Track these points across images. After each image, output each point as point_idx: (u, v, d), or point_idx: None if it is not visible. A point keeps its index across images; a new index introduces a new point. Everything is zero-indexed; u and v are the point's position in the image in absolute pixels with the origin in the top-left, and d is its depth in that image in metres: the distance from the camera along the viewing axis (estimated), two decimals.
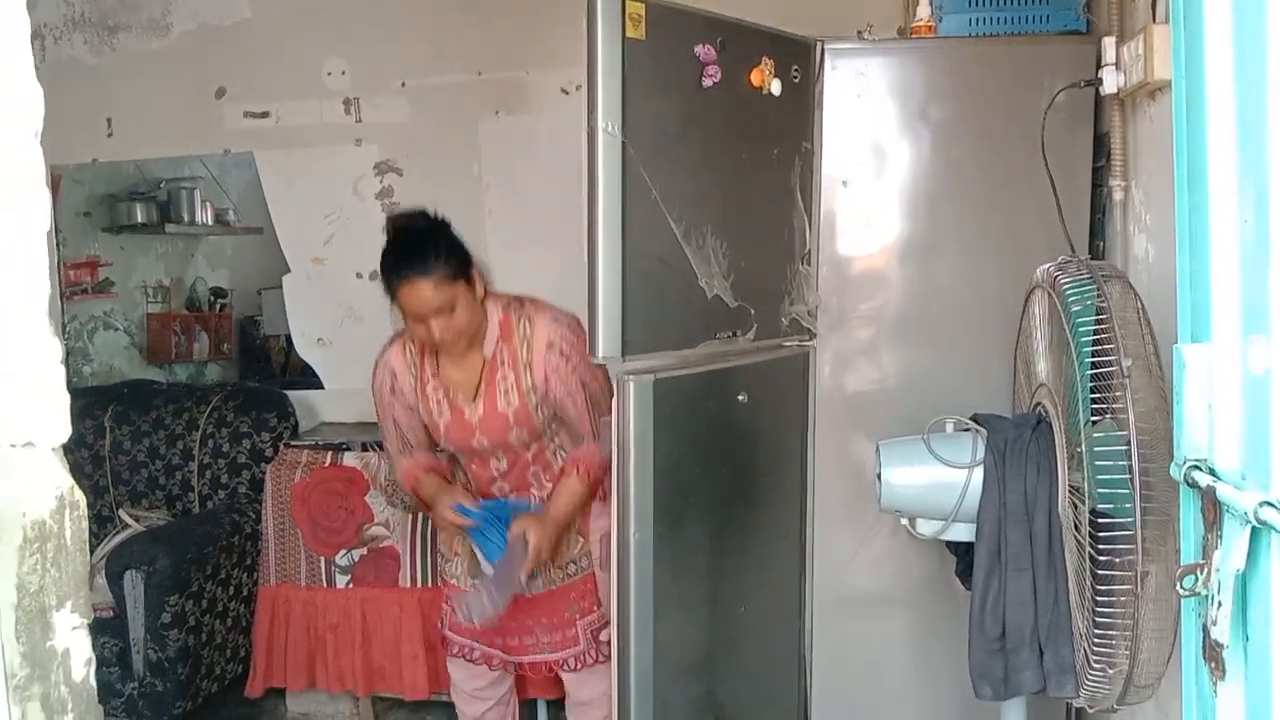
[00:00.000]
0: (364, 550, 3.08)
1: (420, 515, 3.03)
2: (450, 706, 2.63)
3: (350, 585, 3.08)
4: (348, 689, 3.10)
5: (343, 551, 3.09)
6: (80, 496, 0.57)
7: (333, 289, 3.51)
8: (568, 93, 3.33)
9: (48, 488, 0.54)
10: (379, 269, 2.15)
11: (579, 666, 2.39)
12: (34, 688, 0.52)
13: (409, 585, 3.05)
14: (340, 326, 3.53)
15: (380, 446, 3.10)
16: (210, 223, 4.61)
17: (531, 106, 3.36)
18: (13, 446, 0.52)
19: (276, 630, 3.10)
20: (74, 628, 0.56)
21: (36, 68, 0.56)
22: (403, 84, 3.43)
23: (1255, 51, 0.99)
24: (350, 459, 3.13)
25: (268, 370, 4.93)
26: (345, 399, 3.54)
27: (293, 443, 3.27)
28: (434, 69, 3.41)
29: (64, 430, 0.56)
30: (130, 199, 4.24)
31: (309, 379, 3.69)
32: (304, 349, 3.58)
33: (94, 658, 0.58)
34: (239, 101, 3.48)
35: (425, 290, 2.06)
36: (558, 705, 2.90)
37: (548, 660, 2.40)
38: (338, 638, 3.08)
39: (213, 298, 4.87)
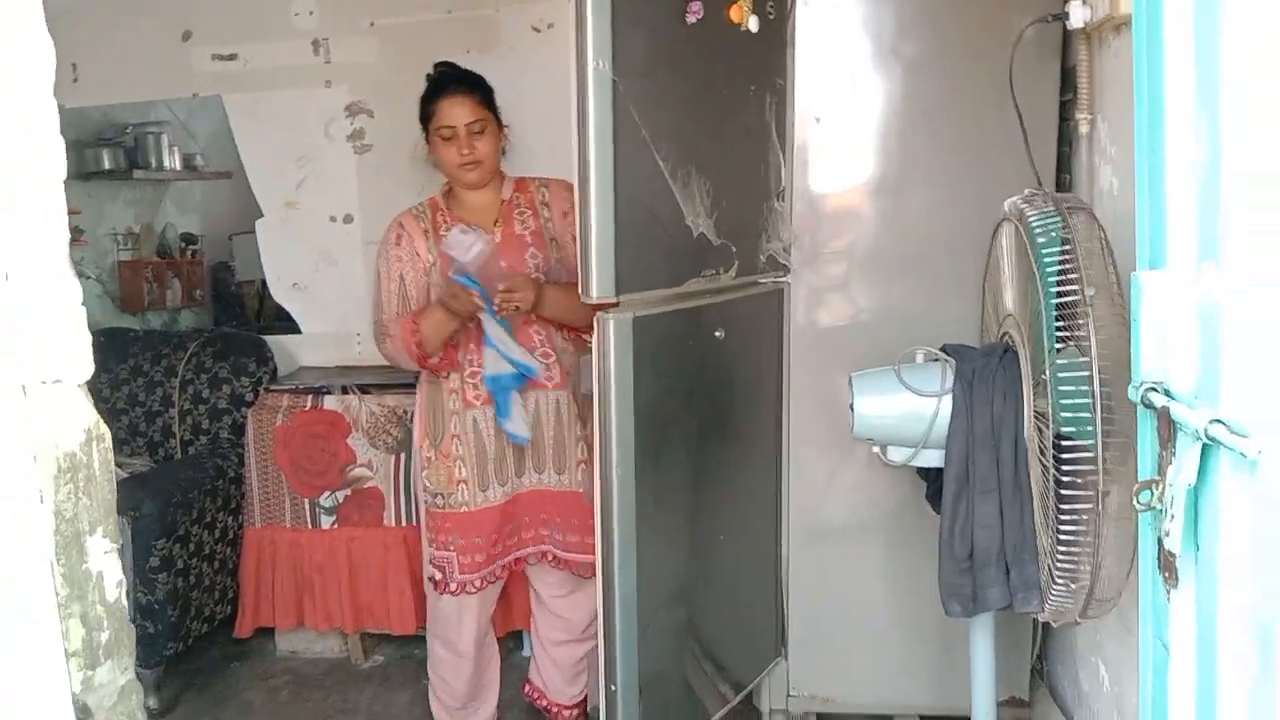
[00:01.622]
0: (348, 491, 3.12)
1: (404, 455, 3.07)
2: None
3: (335, 526, 3.13)
4: (336, 626, 3.17)
5: (326, 493, 3.13)
6: (105, 430, 0.60)
7: (307, 233, 3.49)
8: (539, 30, 3.31)
9: (76, 422, 0.57)
10: (420, 102, 2.41)
11: (590, 574, 2.46)
12: (74, 607, 0.56)
13: (393, 524, 3.11)
14: (315, 270, 3.53)
15: (362, 389, 3.14)
16: (179, 168, 4.55)
17: (503, 44, 3.33)
18: (43, 384, 0.55)
19: (263, 571, 3.16)
20: (105, 551, 0.59)
21: None
22: (371, 24, 3.39)
23: None
24: (331, 402, 3.16)
25: (241, 316, 4.91)
26: (323, 343, 3.56)
27: (273, 387, 3.29)
28: (403, 7, 3.36)
29: (88, 367, 0.59)
30: (97, 145, 4.18)
31: (285, 324, 3.69)
32: (280, 294, 3.58)
33: (124, 580, 0.62)
34: (206, 44, 3.43)
35: (465, 103, 2.36)
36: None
37: (560, 557, 2.49)
38: (324, 577, 3.14)
39: (183, 244, 4.83)
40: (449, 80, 2.42)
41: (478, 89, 2.41)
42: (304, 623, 3.18)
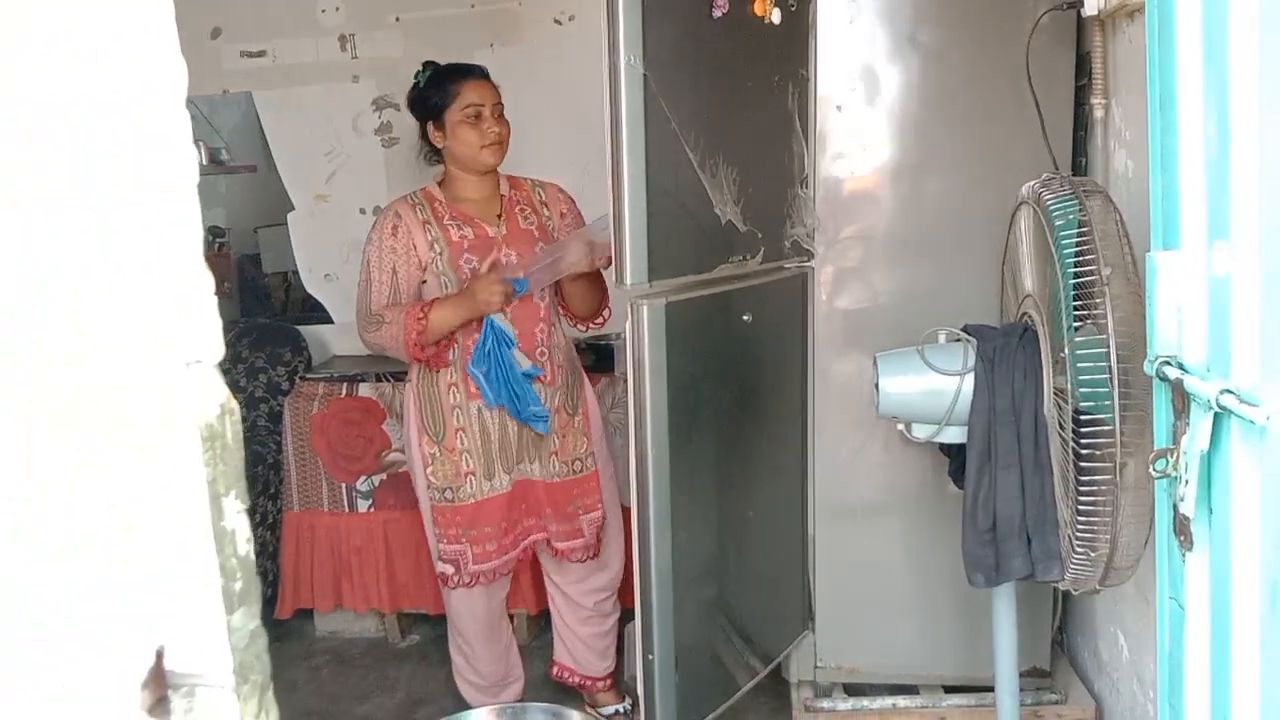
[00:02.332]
0: (383, 476, 3.21)
1: None
2: None
3: (372, 509, 3.23)
4: (374, 607, 3.26)
5: (363, 478, 3.22)
6: (235, 404, 0.68)
7: (337, 225, 3.58)
8: (560, 23, 3.38)
9: (213, 397, 0.65)
10: (419, 95, 2.48)
11: (585, 558, 2.56)
12: (216, 558, 0.65)
13: None
14: (346, 261, 3.61)
15: (394, 377, 3.22)
16: (205, 162, 4.64)
17: (526, 37, 3.41)
18: (187, 365, 0.63)
19: (302, 554, 3.25)
20: (238, 511, 0.68)
21: None
22: (397, 18, 3.46)
23: None
24: (365, 390, 3.24)
25: (269, 307, 5.01)
26: (354, 332, 3.63)
27: (308, 376, 3.38)
28: (427, 1, 3.44)
29: (220, 349, 0.66)
30: None
31: (315, 314, 3.78)
32: (311, 285, 3.67)
33: (252, 537, 0.70)
34: (235, 41, 3.51)
35: (487, 85, 2.45)
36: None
37: (558, 547, 2.57)
38: (362, 559, 3.23)
39: (210, 237, 4.92)
40: (467, 66, 2.49)
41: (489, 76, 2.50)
42: (342, 604, 3.27)
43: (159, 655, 0.60)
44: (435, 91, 2.45)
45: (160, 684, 0.60)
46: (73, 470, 0.59)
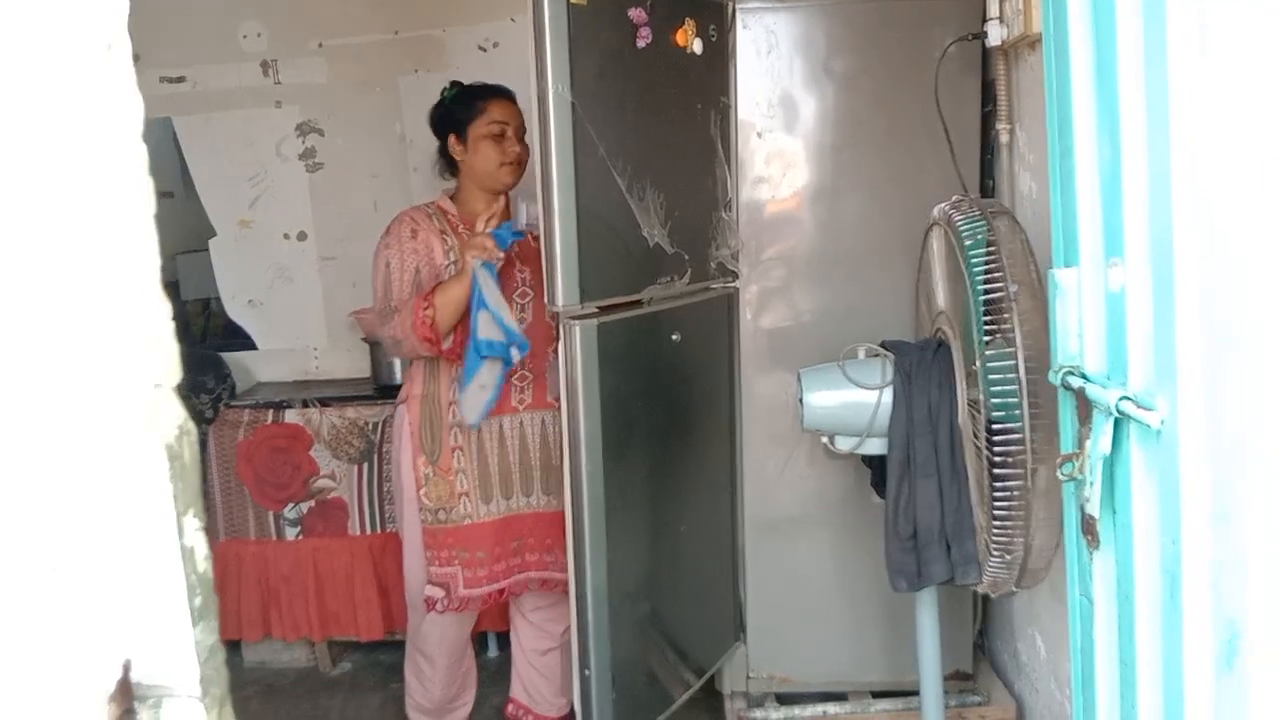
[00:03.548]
0: (311, 503, 3.18)
1: (367, 465, 3.14)
2: (402, 644, 2.76)
3: (300, 536, 3.19)
4: (304, 635, 3.22)
5: (290, 505, 3.19)
6: (192, 426, 0.71)
7: (262, 251, 3.55)
8: (485, 50, 3.41)
9: (173, 418, 0.67)
10: (445, 111, 2.49)
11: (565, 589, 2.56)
12: (182, 574, 0.67)
13: (358, 533, 3.18)
14: (270, 287, 3.58)
15: (322, 402, 3.20)
16: None
17: (450, 64, 3.43)
18: (155, 387, 0.66)
19: (229, 585, 3.19)
20: (196, 529, 0.70)
21: None
22: (320, 44, 3.46)
23: (1107, 13, 1.17)
24: (292, 416, 3.21)
25: (188, 335, 4.91)
26: (280, 358, 3.61)
27: (232, 403, 3.34)
28: (351, 28, 3.44)
29: (178, 373, 0.69)
30: None
31: (235, 340, 3.72)
32: (235, 311, 3.62)
33: (210, 554, 0.72)
34: (154, 66, 3.46)
35: (513, 106, 2.46)
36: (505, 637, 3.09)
37: (540, 577, 2.55)
38: (290, 587, 3.19)
39: None
40: (493, 87, 2.50)
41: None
42: (271, 633, 3.22)
43: (126, 668, 0.62)
44: (462, 106, 2.47)
45: (127, 696, 0.62)
46: (40, 487, 0.61)
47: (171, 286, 4.98)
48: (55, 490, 0.61)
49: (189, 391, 3.34)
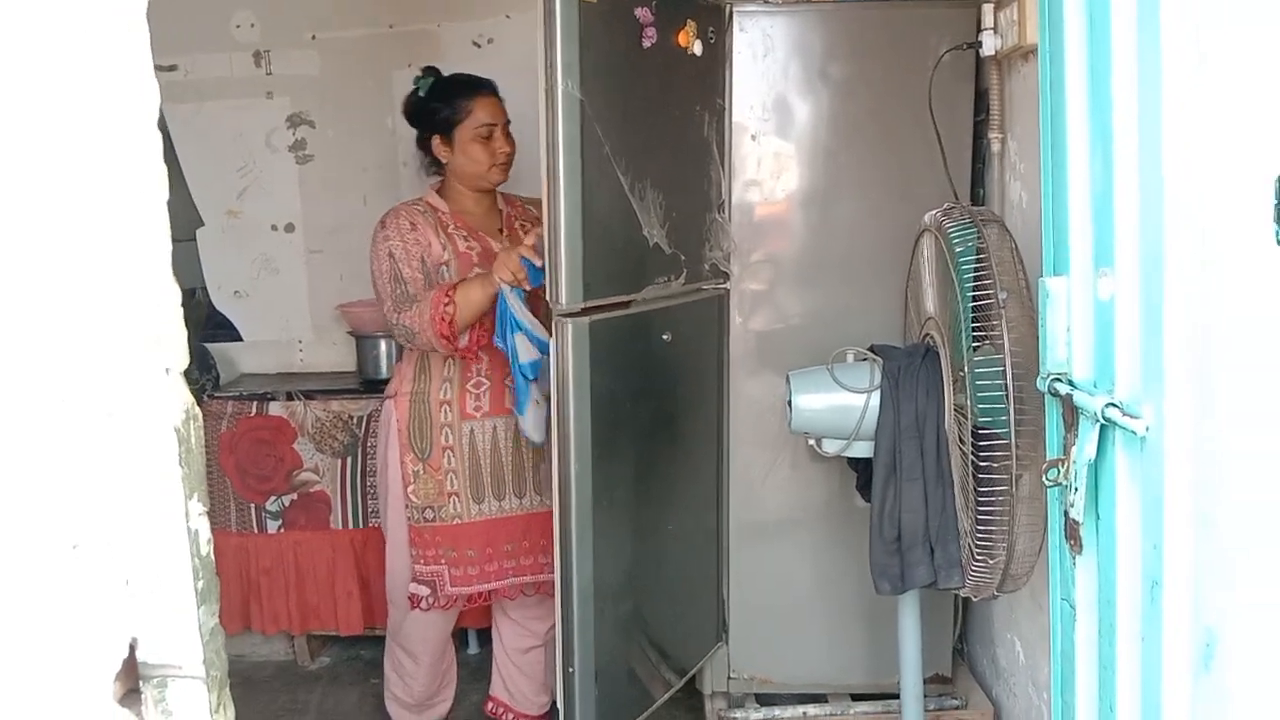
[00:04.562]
0: (294, 496, 3.17)
1: (350, 459, 3.14)
2: (382, 639, 2.77)
3: (282, 530, 3.18)
4: (283, 629, 3.21)
5: (273, 498, 3.18)
6: (198, 411, 0.71)
7: (249, 241, 3.54)
8: (479, 45, 3.41)
9: (180, 403, 0.68)
10: (425, 106, 2.43)
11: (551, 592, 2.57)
12: (188, 556, 0.67)
13: (340, 527, 3.17)
14: (257, 278, 3.57)
15: (306, 395, 3.19)
16: None
17: (444, 59, 3.41)
18: (165, 371, 0.66)
19: None
20: (199, 514, 0.70)
21: None
22: (313, 36, 3.45)
23: (1102, 26, 1.19)
24: (276, 408, 3.20)
25: None
26: (265, 350, 3.60)
27: (216, 394, 3.32)
28: (344, 21, 3.44)
29: (185, 358, 0.70)
30: None
31: (222, 331, 3.71)
32: (221, 302, 3.61)
33: (212, 538, 0.73)
34: None
35: (498, 102, 2.42)
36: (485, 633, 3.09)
37: (535, 581, 2.55)
38: (271, 580, 3.18)
39: None
40: (477, 81, 2.43)
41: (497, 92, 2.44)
42: (250, 626, 3.21)
43: (132, 647, 0.63)
44: (445, 105, 2.41)
45: (132, 675, 0.63)
46: (55, 468, 0.62)
47: None
48: (70, 471, 0.62)
49: None
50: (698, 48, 2.25)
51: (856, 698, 2.63)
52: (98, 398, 0.62)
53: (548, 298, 1.98)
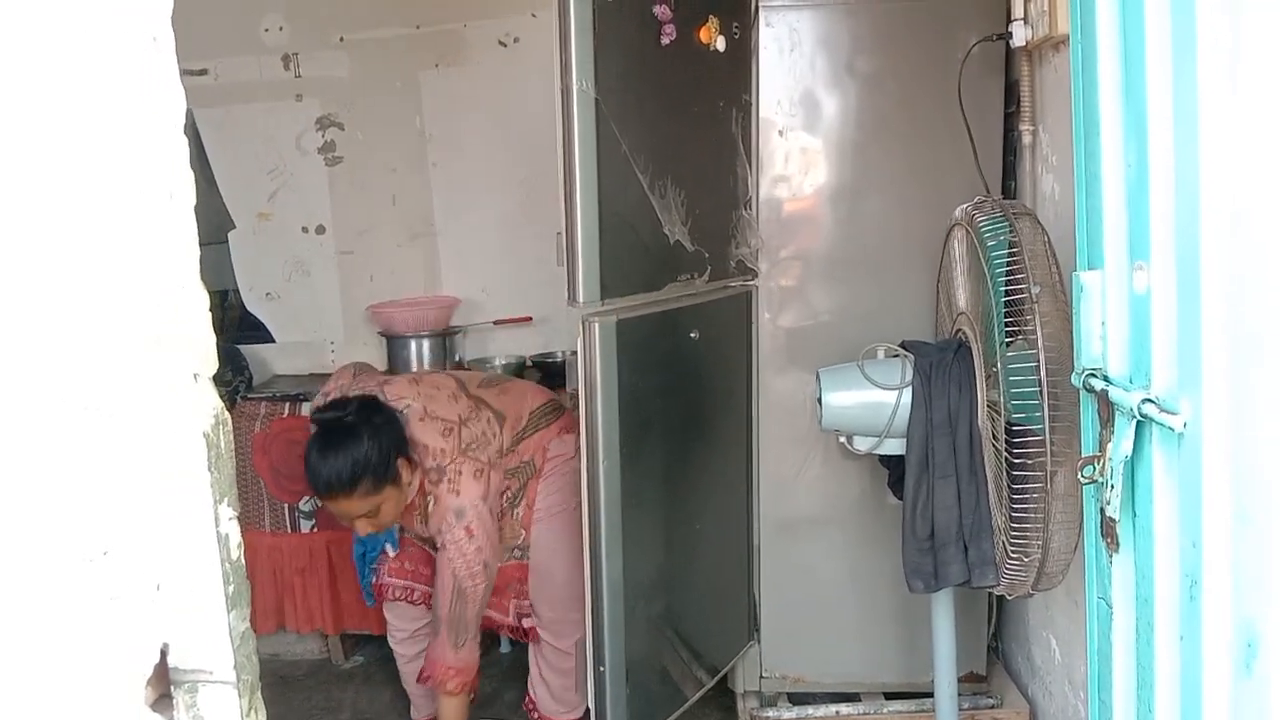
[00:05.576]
0: None
1: None
2: None
3: (315, 529, 3.20)
4: (317, 628, 3.24)
5: (306, 498, 3.20)
6: (227, 416, 0.71)
7: (280, 244, 3.57)
8: (505, 45, 3.42)
9: (209, 408, 0.68)
10: (305, 463, 2.27)
11: (514, 636, 2.66)
12: (218, 561, 0.68)
13: None
14: (289, 280, 3.61)
15: None
16: None
17: (471, 59, 3.44)
18: (194, 377, 0.66)
19: None
20: (229, 518, 0.70)
21: None
22: (341, 38, 3.47)
23: (1135, 14, 1.16)
24: (308, 409, 3.22)
25: None
26: (297, 351, 3.63)
27: (249, 395, 3.35)
28: (372, 22, 3.46)
29: (215, 364, 0.70)
30: None
31: (255, 333, 3.74)
32: (253, 304, 3.65)
33: (242, 543, 0.73)
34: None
35: (349, 505, 2.26)
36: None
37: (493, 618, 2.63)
38: (305, 580, 3.21)
39: None
40: (328, 483, 2.23)
41: (363, 481, 2.22)
42: (285, 625, 3.24)
43: (163, 652, 0.63)
44: (308, 476, 2.30)
45: (164, 680, 0.63)
46: (86, 474, 0.62)
47: None
48: (99, 477, 0.62)
49: None
50: (720, 44, 2.24)
51: (890, 696, 2.61)
52: (126, 404, 0.62)
53: (568, 297, 1.99)
